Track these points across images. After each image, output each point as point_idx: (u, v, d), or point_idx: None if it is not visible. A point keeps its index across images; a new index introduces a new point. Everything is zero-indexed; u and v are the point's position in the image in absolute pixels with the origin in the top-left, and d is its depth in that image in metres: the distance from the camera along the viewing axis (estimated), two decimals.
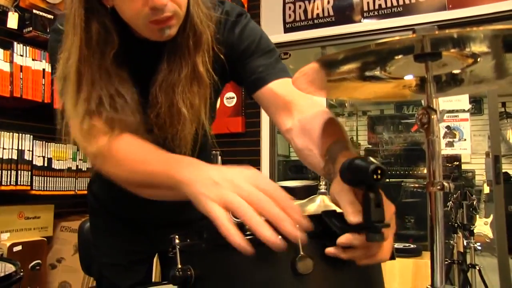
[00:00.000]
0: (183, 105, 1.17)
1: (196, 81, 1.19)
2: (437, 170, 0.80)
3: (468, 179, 5.06)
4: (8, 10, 3.51)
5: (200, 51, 1.18)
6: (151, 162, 0.99)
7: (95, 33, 1.09)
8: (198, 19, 1.17)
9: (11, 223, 3.37)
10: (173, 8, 1.06)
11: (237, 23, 1.27)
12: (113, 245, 1.54)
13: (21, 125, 3.61)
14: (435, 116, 0.80)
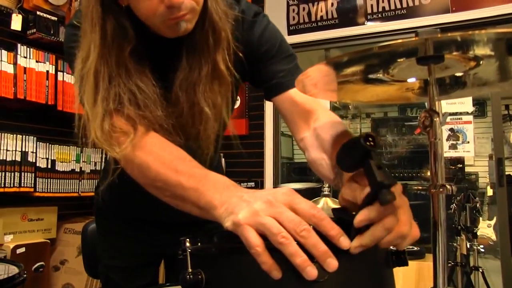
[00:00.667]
0: (205, 104, 1.15)
1: (217, 79, 1.18)
2: (439, 173, 0.80)
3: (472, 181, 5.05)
4: (12, 12, 3.53)
5: (220, 49, 1.17)
6: (182, 173, 0.93)
7: (110, 30, 1.08)
8: (217, 16, 1.16)
9: (14, 225, 3.38)
10: (190, 5, 1.05)
11: (256, 22, 1.27)
12: (122, 248, 1.53)
13: (25, 126, 3.62)
14: (438, 118, 0.80)
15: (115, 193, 1.43)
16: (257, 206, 0.75)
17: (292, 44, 4.24)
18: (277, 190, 0.79)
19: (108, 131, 1.04)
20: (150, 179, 1.00)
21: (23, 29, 3.60)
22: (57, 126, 3.82)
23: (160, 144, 1.04)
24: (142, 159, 1.01)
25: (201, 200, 0.86)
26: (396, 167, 4.67)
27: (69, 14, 3.91)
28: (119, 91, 1.07)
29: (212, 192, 0.85)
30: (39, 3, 3.66)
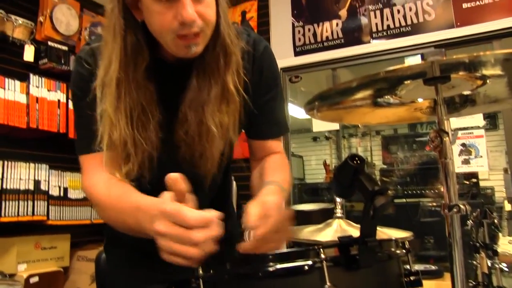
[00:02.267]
0: (212, 123, 1.18)
1: (226, 99, 1.20)
2: (452, 192, 0.80)
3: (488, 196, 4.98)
4: (25, 43, 3.58)
5: (230, 70, 1.20)
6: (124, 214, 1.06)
7: (129, 44, 1.12)
8: (229, 39, 1.19)
9: (28, 253, 3.38)
10: (201, 24, 1.08)
11: (264, 55, 1.32)
12: (132, 277, 1.51)
13: (37, 155, 3.65)
14: (448, 138, 0.79)
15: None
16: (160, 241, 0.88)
17: (299, 65, 4.30)
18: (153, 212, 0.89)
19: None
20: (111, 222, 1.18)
21: (35, 60, 3.64)
22: (69, 154, 3.84)
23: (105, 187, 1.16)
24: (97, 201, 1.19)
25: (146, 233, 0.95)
26: (409, 184, 4.63)
27: (79, 44, 3.96)
28: (130, 106, 1.13)
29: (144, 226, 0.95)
30: (50, 33, 3.72)
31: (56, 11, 3.76)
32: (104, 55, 1.14)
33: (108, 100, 1.12)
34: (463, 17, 3.67)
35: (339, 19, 4.18)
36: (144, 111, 1.15)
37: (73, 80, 1.26)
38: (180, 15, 1.04)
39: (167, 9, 1.05)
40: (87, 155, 1.25)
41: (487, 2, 3.59)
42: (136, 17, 1.13)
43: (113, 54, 1.11)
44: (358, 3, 4.11)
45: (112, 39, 1.12)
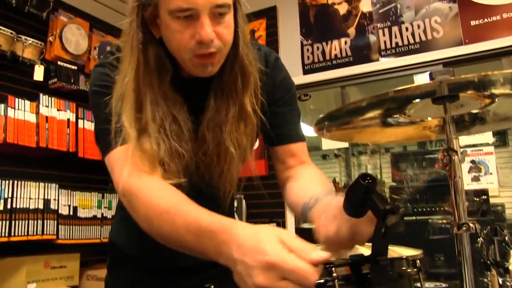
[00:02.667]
0: (230, 144, 1.19)
1: (243, 120, 1.21)
2: (461, 210, 0.79)
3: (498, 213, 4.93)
4: (35, 63, 3.62)
5: (248, 92, 1.21)
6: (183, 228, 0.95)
7: (152, 57, 1.13)
8: (247, 60, 1.20)
9: (37, 273, 3.37)
10: (218, 44, 1.10)
11: (276, 68, 1.34)
12: None
13: (47, 174, 3.66)
14: (457, 156, 0.79)
15: (131, 240, 1.43)
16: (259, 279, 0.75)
17: (308, 83, 4.31)
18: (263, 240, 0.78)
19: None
20: (154, 228, 1.03)
21: (45, 79, 3.68)
22: (79, 173, 3.86)
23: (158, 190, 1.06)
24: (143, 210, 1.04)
25: (208, 256, 0.89)
26: (418, 202, 4.61)
27: (88, 63, 4.00)
28: (160, 116, 1.12)
29: (213, 251, 0.87)
30: (60, 53, 3.76)
31: (66, 31, 3.81)
32: (120, 71, 1.15)
33: (127, 109, 1.11)
34: (472, 34, 3.67)
35: (347, 37, 4.20)
36: (175, 120, 1.15)
37: (96, 78, 1.24)
38: (198, 34, 1.06)
39: (185, 27, 1.07)
40: (119, 149, 1.13)
41: (496, 19, 3.60)
42: (154, 34, 1.14)
43: (129, 68, 1.12)
44: (366, 21, 4.13)
45: (129, 54, 1.13)
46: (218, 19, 1.09)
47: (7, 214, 3.20)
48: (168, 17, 1.07)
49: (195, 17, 1.06)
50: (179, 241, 0.96)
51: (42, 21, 3.76)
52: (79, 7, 4.11)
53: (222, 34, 1.10)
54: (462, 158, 0.81)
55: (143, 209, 1.04)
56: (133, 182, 1.07)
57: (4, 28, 3.37)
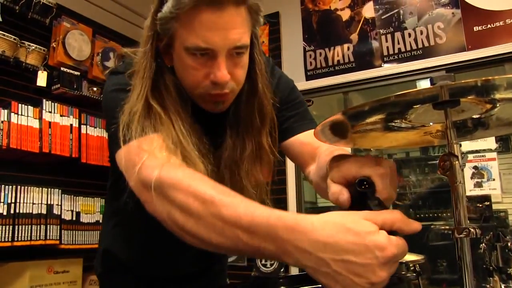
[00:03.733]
0: (248, 184, 1.17)
1: (260, 158, 1.20)
2: (462, 216, 0.79)
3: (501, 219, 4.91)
4: (38, 69, 3.63)
5: (265, 130, 1.20)
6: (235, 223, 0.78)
7: (171, 84, 1.11)
8: (266, 100, 1.19)
9: (40, 278, 3.38)
10: (231, 86, 1.09)
11: (272, 75, 1.31)
12: None
13: (50, 180, 3.67)
14: (457, 162, 0.80)
15: (131, 247, 1.40)
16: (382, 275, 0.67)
17: (311, 89, 4.32)
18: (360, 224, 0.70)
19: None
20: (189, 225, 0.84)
21: (48, 85, 3.69)
22: (81, 178, 3.87)
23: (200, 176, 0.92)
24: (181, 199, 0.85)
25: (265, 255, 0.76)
26: (421, 208, 4.60)
27: (91, 69, 4.02)
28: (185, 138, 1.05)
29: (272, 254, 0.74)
30: (63, 59, 3.77)
31: (69, 36, 3.83)
32: (130, 98, 1.09)
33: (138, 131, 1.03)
34: (475, 40, 3.68)
35: (350, 43, 4.21)
36: (200, 142, 1.12)
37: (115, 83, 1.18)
38: (213, 75, 1.04)
39: (201, 65, 1.05)
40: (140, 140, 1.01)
41: (499, 25, 3.61)
42: (165, 62, 1.13)
43: (137, 98, 1.07)
44: (369, 27, 4.14)
45: (140, 83, 1.09)
46: (235, 59, 1.07)
47: (10, 219, 3.21)
48: (183, 52, 1.05)
49: (212, 56, 1.03)
50: (223, 238, 0.79)
51: (45, 27, 3.78)
52: (82, 13, 4.13)
53: (236, 75, 1.09)
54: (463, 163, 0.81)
55: (180, 197, 0.85)
56: (168, 172, 0.91)
57: (8, 34, 3.39)
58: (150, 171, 0.92)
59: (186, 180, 0.87)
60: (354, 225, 0.69)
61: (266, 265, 4.02)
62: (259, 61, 1.18)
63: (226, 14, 1.00)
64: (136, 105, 1.06)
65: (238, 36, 1.03)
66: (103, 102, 1.21)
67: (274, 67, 1.35)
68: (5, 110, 3.26)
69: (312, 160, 1.22)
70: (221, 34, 1.00)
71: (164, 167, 0.92)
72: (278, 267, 3.97)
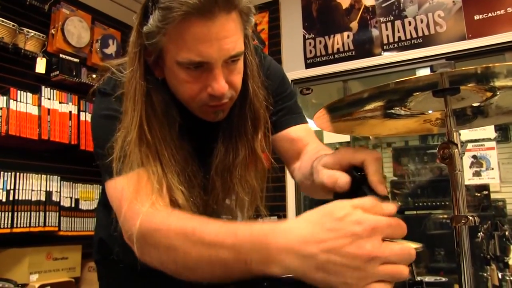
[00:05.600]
0: (241, 190, 1.14)
1: (253, 164, 1.16)
2: (461, 204, 0.80)
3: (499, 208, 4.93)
4: (37, 56, 3.62)
5: (258, 134, 1.16)
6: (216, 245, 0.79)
7: (158, 105, 1.05)
8: (258, 102, 1.15)
9: (39, 264, 3.39)
10: (230, 94, 1.04)
11: (261, 64, 1.25)
12: None
13: (49, 166, 3.67)
14: (457, 150, 0.79)
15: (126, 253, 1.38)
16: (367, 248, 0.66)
17: (310, 77, 4.31)
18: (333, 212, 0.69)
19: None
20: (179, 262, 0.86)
21: (47, 72, 3.68)
22: (80, 165, 3.87)
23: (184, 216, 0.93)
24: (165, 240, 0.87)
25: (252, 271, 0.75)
26: (420, 197, 4.60)
27: (90, 56, 4.00)
28: (172, 172, 1.02)
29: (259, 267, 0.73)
30: (62, 46, 3.76)
31: (68, 23, 3.81)
32: (122, 125, 1.04)
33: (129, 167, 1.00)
34: (475, 29, 3.66)
35: (350, 31, 4.19)
36: (187, 175, 1.07)
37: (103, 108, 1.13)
38: (211, 88, 1.00)
39: (196, 78, 1.00)
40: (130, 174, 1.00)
41: (500, 14, 3.59)
42: (155, 75, 1.07)
43: (131, 124, 1.02)
44: (369, 15, 4.12)
45: (132, 107, 1.03)
46: (231, 66, 1.02)
47: (10, 206, 3.22)
48: (176, 66, 1.00)
49: (207, 68, 0.98)
50: (211, 264, 0.79)
51: (44, 13, 3.76)
52: (81, 0, 4.10)
53: (234, 82, 1.04)
54: (462, 151, 0.81)
55: (163, 240, 0.86)
56: (148, 221, 0.91)
57: (6, 21, 3.38)
58: (131, 223, 0.92)
59: (165, 223, 0.88)
60: (329, 213, 0.69)
61: None
62: (250, 62, 1.13)
63: (217, 23, 0.94)
64: (130, 134, 1.02)
65: (233, 44, 0.98)
66: (92, 126, 1.17)
67: (263, 55, 1.29)
68: (4, 97, 3.25)
69: (298, 157, 1.20)
70: (214, 46, 0.95)
71: (144, 215, 0.92)
72: None
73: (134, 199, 0.96)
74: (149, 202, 0.95)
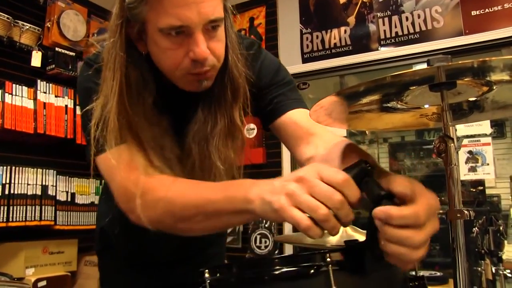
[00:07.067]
0: (217, 159, 1.15)
1: (231, 134, 1.18)
2: (456, 198, 0.80)
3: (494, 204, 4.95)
4: (32, 49, 3.61)
5: (237, 104, 1.18)
6: (206, 191, 0.93)
7: (134, 80, 1.08)
8: (237, 72, 1.16)
9: (35, 258, 3.39)
10: (212, 61, 1.06)
11: (256, 57, 1.27)
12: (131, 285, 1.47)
13: (45, 160, 3.67)
14: (453, 144, 0.80)
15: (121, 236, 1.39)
16: (291, 187, 0.75)
17: (307, 72, 4.30)
18: (303, 167, 0.79)
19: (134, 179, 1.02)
20: (177, 212, 0.96)
21: (42, 65, 3.67)
22: (76, 159, 3.87)
23: (171, 180, 1.02)
24: (164, 199, 0.98)
25: (235, 204, 0.84)
26: None
27: (86, 49, 3.99)
28: (146, 147, 1.07)
29: (242, 192, 0.83)
30: (58, 39, 3.75)
31: (64, 16, 3.79)
32: (101, 93, 1.09)
33: (109, 139, 1.05)
34: (472, 24, 3.66)
35: (347, 26, 4.18)
36: (162, 148, 1.11)
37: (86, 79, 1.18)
38: (192, 53, 1.02)
39: (177, 44, 1.02)
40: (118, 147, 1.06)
41: (497, 10, 3.59)
42: (140, 49, 1.10)
43: (111, 93, 1.06)
44: (366, 10, 4.11)
45: (111, 76, 1.06)
46: (211, 33, 1.04)
47: (5, 200, 3.22)
48: (158, 34, 1.02)
49: (187, 34, 1.01)
50: (203, 206, 0.91)
51: (40, 6, 3.75)
52: None
53: (215, 49, 1.06)
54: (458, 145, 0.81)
55: (164, 195, 0.98)
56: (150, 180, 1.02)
57: (1, 13, 3.36)
58: (132, 188, 1.01)
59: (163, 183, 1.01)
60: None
61: (261, 247, 4.05)
62: (230, 34, 1.15)
63: None
64: (110, 102, 1.05)
65: (211, 9, 1.00)
66: (78, 98, 1.27)
67: (258, 49, 1.30)
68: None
69: (309, 144, 1.18)
70: (193, 9, 0.97)
71: (142, 179, 1.01)
72: (272, 249, 3.99)
73: (127, 169, 1.04)
74: (142, 170, 1.03)
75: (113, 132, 1.04)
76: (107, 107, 1.05)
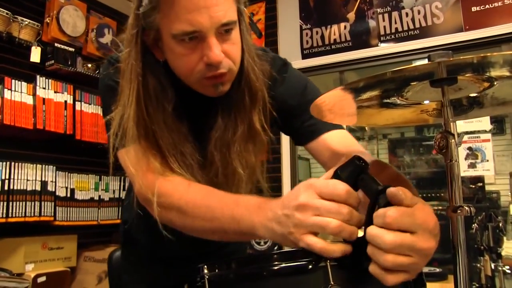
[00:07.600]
0: (239, 165, 1.15)
1: (252, 139, 1.18)
2: (457, 194, 0.79)
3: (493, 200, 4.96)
4: (32, 45, 3.60)
5: (256, 108, 1.17)
6: (215, 208, 0.96)
7: (152, 88, 1.09)
8: (254, 75, 1.16)
9: (35, 254, 3.39)
10: (227, 64, 1.06)
11: (283, 74, 1.27)
12: (147, 274, 1.50)
13: (44, 156, 3.66)
14: (453, 140, 0.79)
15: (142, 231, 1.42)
16: (297, 217, 0.77)
17: (306, 67, 4.30)
18: (297, 189, 0.81)
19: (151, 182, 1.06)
20: (188, 224, 1.01)
21: (41, 61, 3.66)
22: (76, 155, 3.87)
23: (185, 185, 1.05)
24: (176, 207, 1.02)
25: (241, 227, 0.88)
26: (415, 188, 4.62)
27: (85, 45, 3.98)
28: (167, 154, 1.09)
29: (247, 217, 0.87)
30: (57, 35, 3.73)
31: (63, 12, 3.78)
32: (119, 103, 1.11)
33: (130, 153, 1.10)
34: (472, 20, 3.66)
35: (347, 22, 4.18)
36: (182, 154, 1.12)
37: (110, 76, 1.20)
38: (206, 57, 1.02)
39: (191, 50, 1.03)
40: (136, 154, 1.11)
41: (497, 6, 3.58)
42: (157, 57, 1.11)
43: (128, 103, 1.08)
44: (366, 6, 4.11)
45: (128, 86, 1.08)
46: (225, 36, 1.05)
47: (5, 196, 3.22)
48: (172, 41, 1.03)
49: (201, 38, 1.02)
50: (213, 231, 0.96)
51: (39, 2, 3.74)
52: None
53: (230, 53, 1.06)
54: (459, 141, 0.81)
55: (177, 204, 1.02)
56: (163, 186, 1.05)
57: (0, 9, 3.35)
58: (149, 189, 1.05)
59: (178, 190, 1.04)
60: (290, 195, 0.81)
61: (260, 243, 4.07)
62: (246, 37, 1.15)
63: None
64: (127, 112, 1.08)
65: (222, 12, 1.01)
66: (100, 94, 1.28)
67: (284, 66, 1.30)
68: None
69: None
70: (204, 13, 0.98)
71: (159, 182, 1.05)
72: (271, 245, 4.01)
73: (145, 175, 1.08)
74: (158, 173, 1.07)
75: (132, 140, 1.08)
76: (124, 118, 1.08)
